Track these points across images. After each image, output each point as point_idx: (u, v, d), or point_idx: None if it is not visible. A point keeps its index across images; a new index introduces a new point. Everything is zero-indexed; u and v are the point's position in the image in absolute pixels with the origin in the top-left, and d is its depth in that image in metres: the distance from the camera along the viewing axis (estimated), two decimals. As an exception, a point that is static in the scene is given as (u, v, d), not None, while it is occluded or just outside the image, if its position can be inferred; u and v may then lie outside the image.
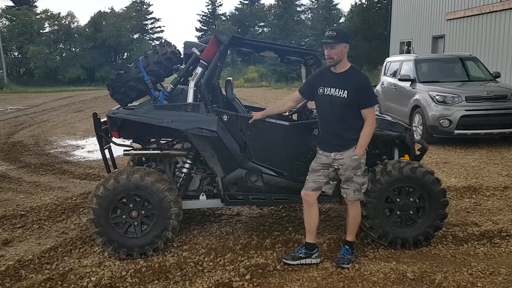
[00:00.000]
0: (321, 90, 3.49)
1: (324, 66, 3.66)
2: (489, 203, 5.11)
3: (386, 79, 11.11)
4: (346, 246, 3.65)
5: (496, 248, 3.87)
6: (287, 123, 3.97)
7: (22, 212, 5.02)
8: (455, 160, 7.32)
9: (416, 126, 8.83)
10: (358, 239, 4.03)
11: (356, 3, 32.20)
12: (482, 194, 5.46)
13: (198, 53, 3.97)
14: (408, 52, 18.31)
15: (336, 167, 3.49)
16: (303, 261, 3.57)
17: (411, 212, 3.82)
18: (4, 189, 6.08)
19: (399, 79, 9.69)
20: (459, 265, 3.54)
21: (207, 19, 49.93)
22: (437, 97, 8.34)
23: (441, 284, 3.25)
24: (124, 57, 44.77)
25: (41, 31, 42.19)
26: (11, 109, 17.47)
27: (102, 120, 4.18)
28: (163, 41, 4.26)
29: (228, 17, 48.62)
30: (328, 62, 3.42)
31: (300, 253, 3.61)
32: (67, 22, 42.65)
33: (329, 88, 3.44)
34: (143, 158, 4.29)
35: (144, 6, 48.72)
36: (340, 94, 3.38)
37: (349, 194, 3.51)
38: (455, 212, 4.77)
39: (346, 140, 3.43)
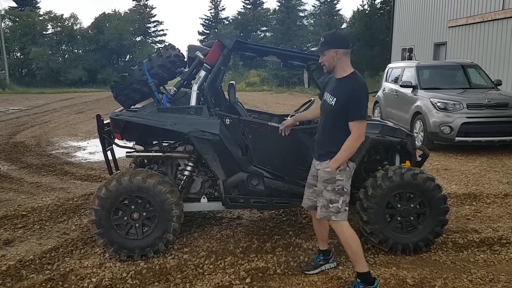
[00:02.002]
0: (324, 95, 3.39)
1: None
2: (490, 210, 5.12)
3: (387, 85, 11.15)
4: (358, 280, 3.20)
5: (496, 255, 3.87)
6: (289, 128, 3.98)
7: (24, 213, 5.03)
8: (455, 167, 7.33)
9: (417, 133, 8.85)
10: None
11: (358, 9, 32.29)
12: (483, 201, 5.47)
13: (202, 56, 4.00)
14: (410, 58, 18.35)
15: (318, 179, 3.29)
16: (323, 268, 3.54)
17: (412, 218, 3.82)
18: (5, 189, 6.10)
19: (401, 86, 9.72)
20: (459, 271, 3.54)
21: (210, 23, 50.09)
22: (438, 104, 8.36)
23: (441, 290, 3.26)
24: (126, 60, 44.91)
25: (43, 32, 42.33)
26: (12, 109, 17.51)
27: (105, 122, 4.20)
28: (167, 44, 4.28)
29: (230, 21, 48.80)
30: (323, 68, 3.26)
31: (320, 261, 3.57)
32: (70, 24, 42.82)
33: (326, 93, 3.29)
34: (145, 160, 4.31)
35: (147, 9, 48.92)
36: (330, 100, 3.18)
37: (318, 210, 3.23)
38: (455, 219, 4.77)
39: (327, 150, 3.19)
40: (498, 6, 13.40)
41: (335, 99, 3.14)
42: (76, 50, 43.39)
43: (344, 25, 39.26)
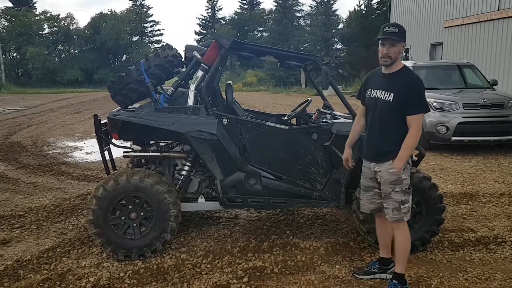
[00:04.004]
0: (368, 93, 3.17)
1: (378, 67, 3.25)
2: (485, 209, 5.15)
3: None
4: (394, 281, 3.17)
5: (492, 254, 3.90)
6: (286, 127, 4.00)
7: (21, 213, 5.03)
8: (451, 166, 7.36)
9: (413, 132, 8.86)
10: (355, 243, 4.05)
11: (355, 9, 32.36)
12: (478, 200, 5.50)
13: (199, 56, 4.01)
14: (406, 59, 18.37)
15: (378, 180, 3.15)
16: (377, 276, 3.37)
17: (408, 217, 3.84)
18: (2, 190, 6.08)
19: (397, 86, 9.75)
20: (455, 270, 3.57)
21: (207, 23, 50.09)
22: (434, 103, 8.39)
23: (437, 288, 3.28)
24: (123, 60, 44.85)
25: (40, 32, 42.25)
26: (9, 109, 17.46)
27: (102, 122, 4.20)
28: (164, 44, 4.29)
29: (227, 21, 48.82)
30: (383, 61, 3.05)
31: (374, 268, 3.43)
32: (66, 24, 42.71)
33: (376, 90, 3.09)
34: (143, 160, 4.31)
35: (144, 9, 48.86)
36: (386, 97, 3.01)
37: (388, 214, 3.10)
38: (451, 218, 4.80)
39: (385, 150, 3.05)
40: (494, 7, 13.48)
41: (392, 94, 2.99)
42: (72, 50, 43.33)
43: (340, 25, 39.34)
